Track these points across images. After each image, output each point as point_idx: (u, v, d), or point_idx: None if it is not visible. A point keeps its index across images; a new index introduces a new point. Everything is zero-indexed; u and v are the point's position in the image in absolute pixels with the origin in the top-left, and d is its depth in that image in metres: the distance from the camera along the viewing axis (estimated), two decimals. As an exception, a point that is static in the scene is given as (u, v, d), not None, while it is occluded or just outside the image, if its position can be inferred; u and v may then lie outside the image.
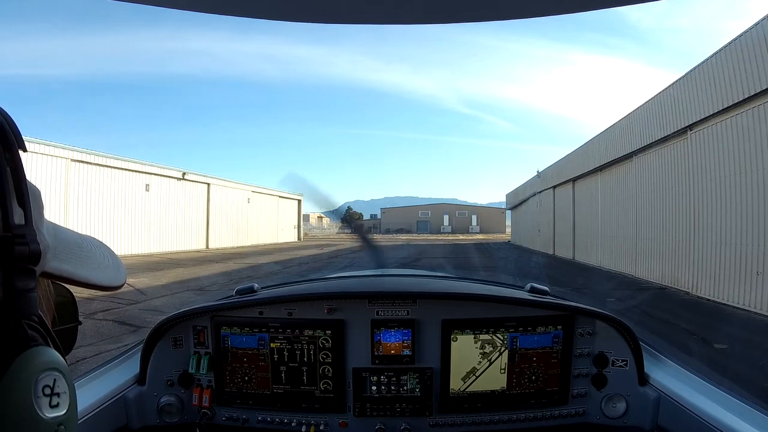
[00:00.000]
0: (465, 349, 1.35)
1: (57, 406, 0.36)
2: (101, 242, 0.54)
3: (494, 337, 1.35)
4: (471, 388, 1.36)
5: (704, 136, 9.32)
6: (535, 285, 1.49)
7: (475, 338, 1.35)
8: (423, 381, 1.35)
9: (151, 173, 20.66)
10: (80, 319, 0.55)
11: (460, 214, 72.92)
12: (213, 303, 1.44)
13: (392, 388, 1.36)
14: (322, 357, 1.36)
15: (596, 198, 16.51)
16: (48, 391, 0.35)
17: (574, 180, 18.82)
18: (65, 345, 0.48)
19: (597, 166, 15.89)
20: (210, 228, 24.38)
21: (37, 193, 0.41)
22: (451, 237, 51.70)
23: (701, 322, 7.27)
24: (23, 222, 0.37)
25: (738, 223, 8.18)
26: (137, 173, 19.88)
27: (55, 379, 0.36)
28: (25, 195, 0.38)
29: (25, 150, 0.40)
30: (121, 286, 0.49)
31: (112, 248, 0.56)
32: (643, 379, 1.35)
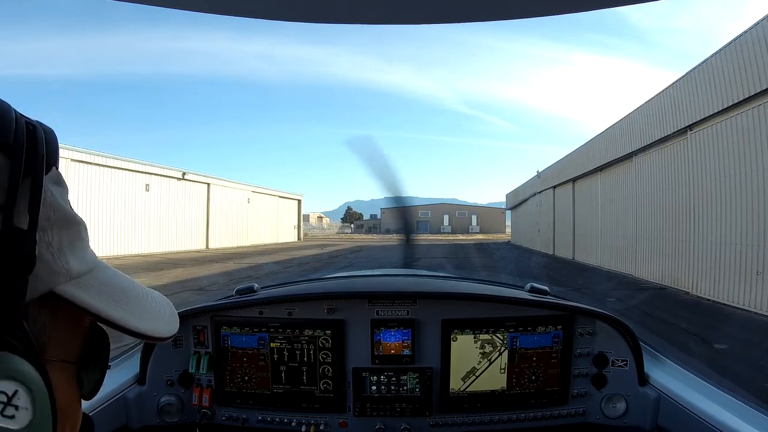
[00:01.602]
0: (465, 349, 1.35)
1: (11, 417, 0.34)
2: (167, 300, 0.53)
3: (494, 336, 1.35)
4: (471, 388, 1.36)
5: (704, 136, 9.32)
6: (535, 285, 1.49)
7: (475, 338, 1.35)
8: (423, 381, 1.35)
9: (151, 173, 20.66)
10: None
11: (460, 214, 72.91)
12: (213, 303, 1.44)
13: (392, 387, 1.36)
14: (322, 357, 1.36)
15: (596, 198, 16.51)
16: (2, 398, 0.34)
17: (574, 180, 18.82)
18: (90, 387, 0.48)
19: (597, 166, 15.89)
20: (210, 228, 24.39)
21: (78, 223, 0.42)
22: (451, 237, 51.71)
23: (701, 322, 7.27)
24: (25, 227, 0.37)
25: (738, 223, 8.18)
26: (137, 173, 19.88)
27: (16, 391, 0.34)
28: (36, 203, 0.38)
29: (57, 167, 0.42)
30: (160, 338, 0.47)
31: (155, 290, 0.53)
32: (643, 379, 1.35)
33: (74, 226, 0.42)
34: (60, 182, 0.43)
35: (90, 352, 0.46)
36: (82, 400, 0.48)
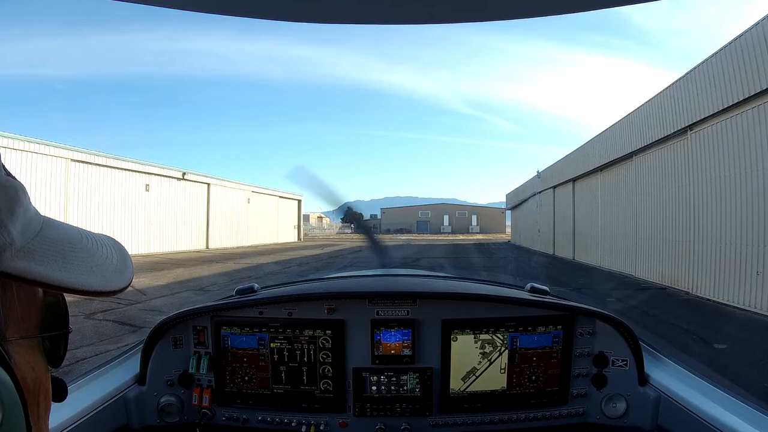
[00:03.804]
0: (465, 349, 1.35)
1: None
2: (115, 241, 0.50)
3: (494, 337, 1.35)
4: (471, 388, 1.36)
5: (704, 136, 9.32)
6: (535, 285, 1.49)
7: (475, 338, 1.35)
8: (423, 381, 1.35)
9: (151, 173, 20.65)
10: (81, 318, 0.49)
11: (460, 214, 72.87)
12: (213, 303, 1.44)
13: (392, 388, 1.36)
14: (322, 357, 1.36)
15: (596, 198, 16.51)
16: None
17: (574, 180, 18.82)
18: (53, 354, 0.45)
19: (597, 166, 15.89)
20: (210, 228, 24.38)
21: (11, 187, 0.38)
22: (451, 237, 51.70)
23: (701, 322, 7.27)
24: None
25: (738, 223, 8.18)
26: (137, 173, 19.88)
27: None
28: None
29: None
30: (116, 291, 0.44)
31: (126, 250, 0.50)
32: (643, 379, 1.35)
33: (9, 191, 0.38)
34: None
35: (49, 319, 0.44)
36: (74, 390, 0.46)
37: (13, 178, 0.41)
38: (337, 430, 1.36)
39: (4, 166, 0.40)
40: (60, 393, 0.47)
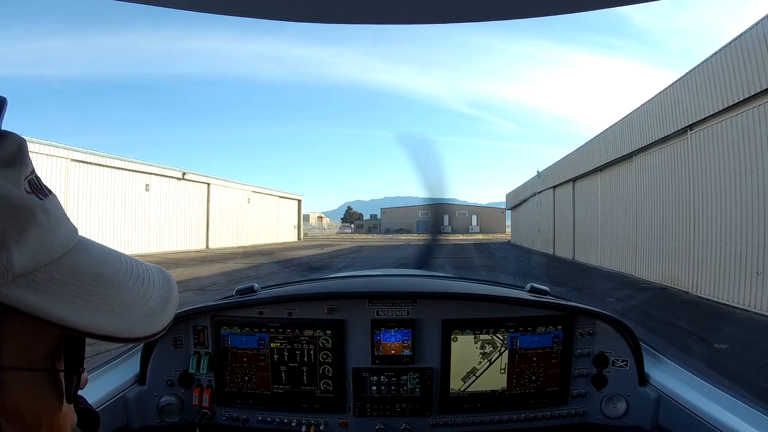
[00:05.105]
0: (465, 349, 1.35)
1: None
2: (165, 278, 0.46)
3: (494, 337, 1.35)
4: (471, 388, 1.36)
5: (704, 136, 9.32)
6: (535, 285, 1.49)
7: (475, 338, 1.35)
8: (423, 381, 1.35)
9: (151, 173, 20.65)
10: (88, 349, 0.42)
11: (460, 214, 72.84)
12: (213, 303, 1.44)
13: (392, 388, 1.36)
14: (322, 357, 1.36)
15: (596, 198, 16.51)
16: None
17: (574, 180, 18.81)
18: (67, 390, 0.41)
19: (597, 166, 15.89)
20: (210, 228, 24.38)
21: (25, 206, 0.35)
22: (450, 237, 51.70)
23: (701, 322, 7.27)
24: None
25: (738, 223, 8.18)
26: (137, 173, 19.87)
27: None
28: None
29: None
30: (138, 339, 0.39)
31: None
32: (644, 380, 1.35)
33: (22, 211, 0.34)
34: (8, 162, 0.35)
35: (64, 351, 0.40)
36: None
37: (39, 195, 0.37)
38: (337, 430, 1.36)
39: (33, 181, 0.37)
40: (91, 425, 0.44)
